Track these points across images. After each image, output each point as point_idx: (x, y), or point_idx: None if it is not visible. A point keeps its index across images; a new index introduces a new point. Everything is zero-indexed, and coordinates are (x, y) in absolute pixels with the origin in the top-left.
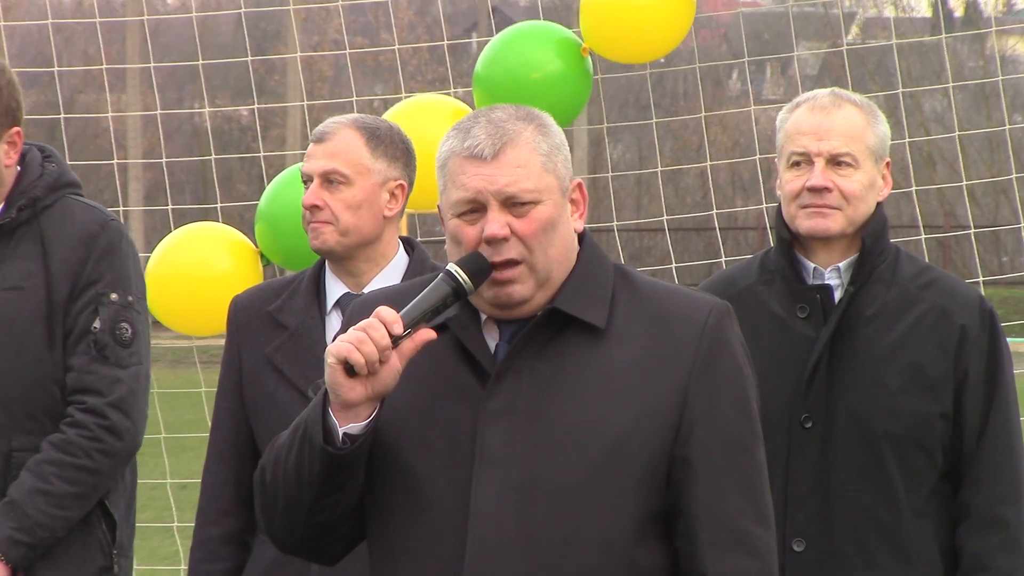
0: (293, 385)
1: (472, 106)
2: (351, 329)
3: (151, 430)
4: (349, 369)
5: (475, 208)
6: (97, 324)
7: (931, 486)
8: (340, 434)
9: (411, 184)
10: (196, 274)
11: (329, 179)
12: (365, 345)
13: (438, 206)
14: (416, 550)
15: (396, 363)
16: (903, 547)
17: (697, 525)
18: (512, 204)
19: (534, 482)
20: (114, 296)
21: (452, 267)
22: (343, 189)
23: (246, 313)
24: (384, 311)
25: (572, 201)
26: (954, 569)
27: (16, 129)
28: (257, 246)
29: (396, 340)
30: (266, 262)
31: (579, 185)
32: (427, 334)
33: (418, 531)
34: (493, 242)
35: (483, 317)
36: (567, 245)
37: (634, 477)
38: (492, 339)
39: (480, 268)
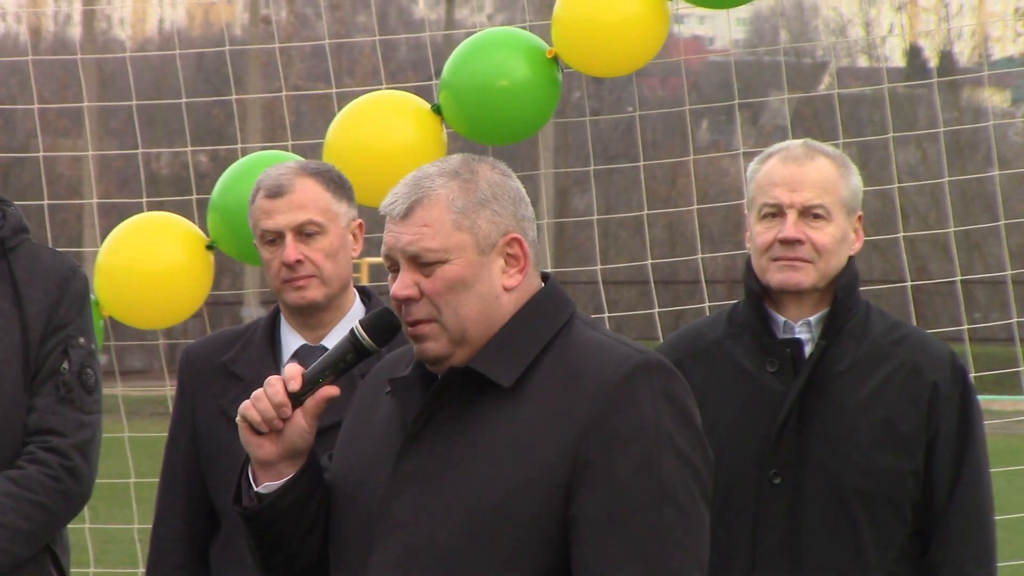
0: None
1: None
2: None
3: (117, 476)
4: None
5: (393, 266)
6: (66, 366)
7: (901, 545)
8: (253, 493)
9: None
10: (145, 267)
11: (304, 231)
12: (260, 402)
13: None
14: None
15: (301, 421)
16: None
17: None
18: (419, 263)
19: (422, 547)
20: (82, 340)
21: (355, 325)
22: (319, 239)
23: (199, 364)
24: (289, 367)
25: (510, 256)
26: None
27: None
28: (208, 236)
29: (298, 397)
30: (210, 245)
31: (515, 239)
32: (329, 391)
33: None
34: (398, 301)
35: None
36: (487, 303)
37: (518, 541)
38: None
39: (385, 325)
